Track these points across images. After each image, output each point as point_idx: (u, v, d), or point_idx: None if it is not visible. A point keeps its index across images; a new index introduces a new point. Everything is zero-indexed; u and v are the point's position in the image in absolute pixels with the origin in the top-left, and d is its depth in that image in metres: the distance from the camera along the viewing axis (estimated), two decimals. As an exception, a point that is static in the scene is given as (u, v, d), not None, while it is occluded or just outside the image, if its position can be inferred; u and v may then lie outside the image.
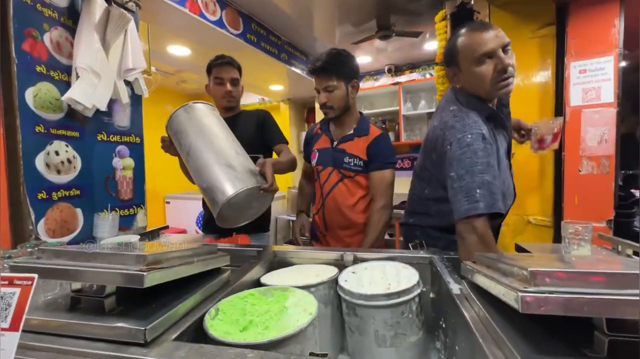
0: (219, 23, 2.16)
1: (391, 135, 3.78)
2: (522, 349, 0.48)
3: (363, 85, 4.20)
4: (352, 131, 1.36)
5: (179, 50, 2.52)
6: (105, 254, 0.65)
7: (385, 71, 3.93)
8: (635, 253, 0.99)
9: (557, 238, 1.30)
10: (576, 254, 0.92)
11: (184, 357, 0.55)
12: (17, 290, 0.52)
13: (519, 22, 1.77)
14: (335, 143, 1.38)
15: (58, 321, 0.63)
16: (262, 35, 2.61)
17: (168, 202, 4.58)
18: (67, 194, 1.22)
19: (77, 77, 1.19)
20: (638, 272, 0.48)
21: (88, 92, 1.18)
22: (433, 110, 3.32)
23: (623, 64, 1.65)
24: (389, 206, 1.30)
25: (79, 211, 1.26)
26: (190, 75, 3.93)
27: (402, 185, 3.85)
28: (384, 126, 3.84)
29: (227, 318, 0.68)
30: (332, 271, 0.90)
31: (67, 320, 0.62)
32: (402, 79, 3.84)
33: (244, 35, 2.39)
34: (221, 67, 1.51)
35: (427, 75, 3.69)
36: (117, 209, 1.42)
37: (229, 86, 1.52)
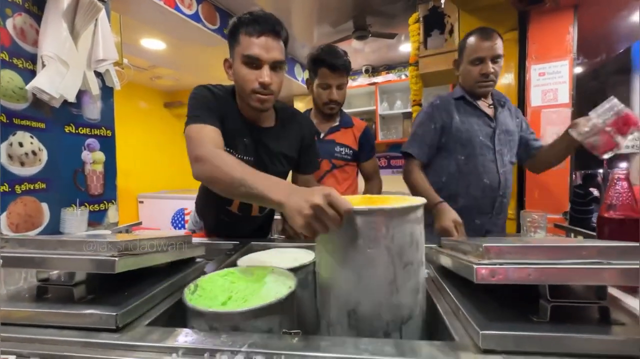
0: (195, 17, 2.13)
1: (368, 134, 3.87)
2: (477, 319, 0.53)
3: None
4: (337, 123, 1.44)
5: (153, 44, 2.46)
6: (75, 241, 0.64)
7: (363, 72, 4.01)
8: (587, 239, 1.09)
9: (520, 229, 1.39)
10: (531, 238, 1.00)
11: (157, 340, 0.55)
12: (-20, 276, 0.51)
13: (486, 26, 1.87)
14: (322, 135, 1.42)
15: (23, 311, 0.61)
16: (240, 32, 2.59)
17: (141, 202, 4.43)
18: (32, 188, 1.17)
19: (43, 65, 1.15)
20: (575, 244, 0.54)
21: (55, 82, 1.14)
22: (409, 110, 3.43)
23: (578, 69, 1.80)
24: (381, 183, 1.51)
25: (44, 205, 1.21)
26: (165, 71, 3.83)
27: (379, 183, 3.96)
28: (361, 126, 3.92)
29: (206, 294, 0.68)
30: (310, 255, 0.91)
31: (34, 309, 0.61)
32: (379, 79, 3.93)
33: (220, 30, 2.37)
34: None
35: (403, 76, 3.81)
36: (86, 204, 1.38)
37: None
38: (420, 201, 0.60)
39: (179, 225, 4.13)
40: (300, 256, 0.91)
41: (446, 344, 0.52)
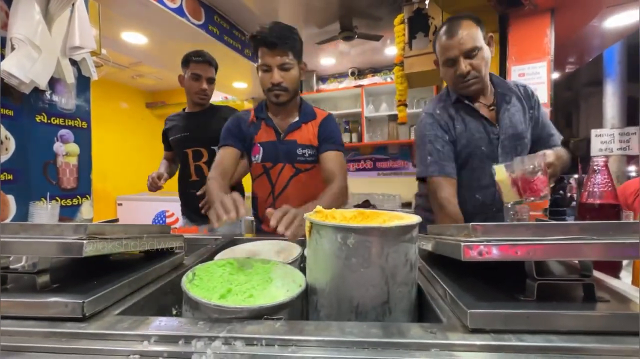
0: (179, 11, 2.08)
1: (354, 136, 3.88)
2: (465, 300, 0.52)
3: (327, 86, 4.28)
4: (297, 118, 1.21)
5: (134, 37, 2.39)
6: (40, 225, 0.59)
7: (349, 74, 4.04)
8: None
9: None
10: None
11: (127, 328, 0.51)
12: None
13: (455, 16, 1.92)
14: (282, 135, 1.20)
15: (-22, 302, 0.56)
16: (225, 29, 2.56)
17: (120, 204, 4.27)
18: (-3, 178, 1.09)
19: (13, 49, 1.08)
20: (559, 223, 0.54)
21: (25, 66, 1.08)
22: (394, 112, 3.47)
23: (555, 75, 1.86)
24: (347, 189, 1.12)
25: (10, 197, 1.13)
26: (148, 69, 3.73)
27: (366, 185, 3.98)
28: (347, 127, 3.93)
29: (204, 284, 0.64)
30: (296, 248, 0.88)
31: (-10, 299, 0.56)
32: (365, 82, 3.97)
33: (205, 26, 2.33)
34: (199, 64, 1.57)
35: (388, 79, 3.86)
36: (57, 198, 1.30)
37: (205, 84, 1.62)
38: (415, 219, 0.57)
39: (160, 227, 4.00)
40: (286, 248, 0.88)
41: (434, 326, 0.50)
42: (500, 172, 0.96)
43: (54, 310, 0.54)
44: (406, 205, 3.43)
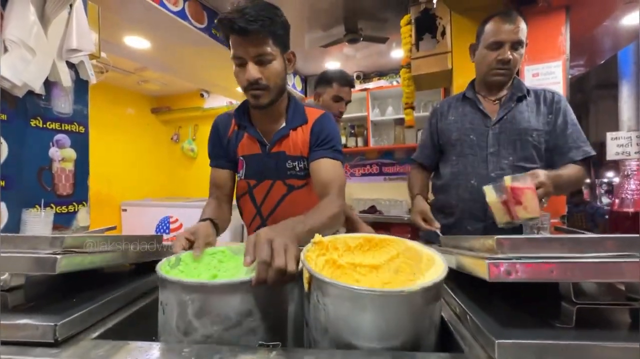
0: (181, 14, 2.06)
1: (360, 140, 3.81)
2: (490, 326, 0.45)
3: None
4: (284, 123, 0.97)
5: (137, 42, 2.37)
6: (13, 237, 0.54)
7: (354, 77, 3.99)
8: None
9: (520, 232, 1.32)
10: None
11: (103, 356, 0.45)
12: None
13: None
14: (268, 146, 0.97)
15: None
16: (229, 33, 2.54)
17: (125, 210, 4.25)
18: (-12, 185, 1.05)
19: (6, 50, 1.05)
20: (598, 236, 0.46)
21: (18, 68, 1.04)
22: (401, 116, 3.40)
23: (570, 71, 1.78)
24: (343, 207, 0.87)
25: (2, 204, 1.09)
26: (153, 74, 3.73)
27: (372, 190, 3.89)
28: (352, 132, 3.86)
29: (188, 270, 0.59)
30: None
31: (-46, 320, 0.50)
32: (370, 85, 3.91)
33: (208, 30, 2.30)
34: (343, 87, 1.61)
35: (394, 83, 3.79)
36: (52, 205, 1.26)
37: (344, 107, 1.73)
38: (441, 271, 0.46)
39: (164, 234, 3.96)
40: None
41: (454, 356, 0.43)
42: (489, 193, 0.93)
43: (24, 333, 0.48)
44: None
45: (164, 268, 0.54)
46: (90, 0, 1.47)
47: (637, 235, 0.44)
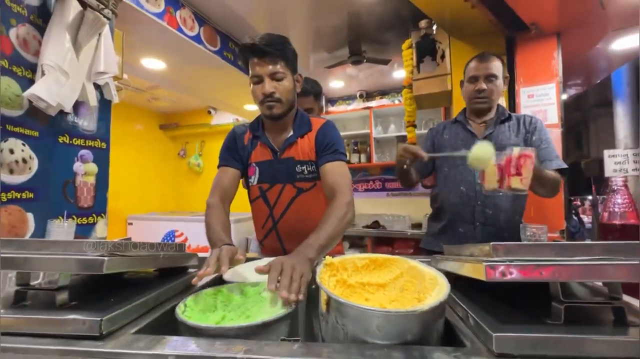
0: (197, 39, 2.19)
1: (363, 157, 3.90)
2: (489, 322, 0.50)
3: (336, 108, 4.36)
4: (292, 132, 1.10)
5: (153, 63, 2.51)
6: (61, 242, 0.60)
7: (357, 96, 4.12)
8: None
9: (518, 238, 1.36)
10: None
11: (144, 347, 0.51)
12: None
13: (474, 52, 1.96)
14: (278, 153, 1.09)
15: (-2, 318, 0.56)
16: (239, 54, 2.68)
17: (131, 224, 4.30)
18: (19, 197, 1.12)
19: (43, 74, 1.15)
20: (584, 242, 0.52)
21: (53, 90, 1.14)
22: (403, 133, 3.50)
23: (564, 96, 1.87)
24: (353, 205, 0.98)
25: (30, 215, 1.16)
26: (163, 92, 3.88)
27: (375, 205, 3.95)
28: (355, 148, 3.96)
29: (195, 315, 0.63)
30: None
31: (10, 316, 0.56)
32: (373, 104, 4.04)
33: (220, 52, 2.44)
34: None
35: (396, 101, 3.92)
36: (74, 216, 1.32)
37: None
38: (445, 290, 0.53)
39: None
40: None
41: (457, 350, 0.49)
42: (488, 152, 0.97)
43: (72, 328, 0.54)
44: (416, 226, 3.37)
45: (182, 316, 0.57)
46: (116, 27, 1.60)
47: (622, 242, 0.50)
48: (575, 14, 1.60)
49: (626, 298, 0.62)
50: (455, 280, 0.65)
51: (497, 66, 1.30)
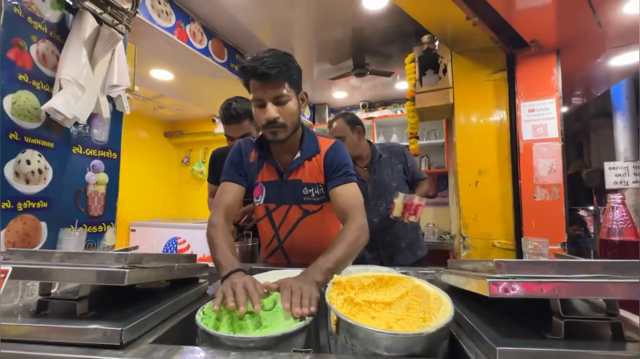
0: (205, 51, 2.25)
1: (365, 166, 3.94)
2: (492, 336, 0.53)
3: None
4: (299, 154, 1.06)
5: (162, 74, 2.57)
6: (82, 253, 0.63)
7: (360, 107, 4.18)
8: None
9: (520, 258, 1.40)
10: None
11: (163, 357, 0.53)
12: (-13, 283, 0.50)
13: (476, 67, 2.02)
14: (285, 175, 1.06)
15: (21, 327, 0.59)
16: (245, 66, 2.75)
17: (133, 230, 4.32)
18: (34, 206, 1.16)
19: (60, 88, 1.19)
20: (584, 260, 0.55)
21: (70, 103, 1.18)
22: (405, 143, 3.54)
23: (564, 109, 1.92)
24: (367, 228, 0.95)
25: (43, 224, 1.19)
26: (169, 101, 3.95)
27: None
28: (358, 158, 4.00)
29: (212, 323, 0.66)
30: None
31: (33, 325, 0.59)
32: (375, 114, 4.10)
33: (228, 64, 2.50)
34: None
35: (398, 112, 3.97)
36: (84, 225, 1.36)
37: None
38: (450, 313, 0.55)
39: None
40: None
41: (463, 363, 0.51)
42: (399, 197, 1.52)
43: (92, 336, 0.56)
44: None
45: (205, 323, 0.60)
46: (129, 41, 1.65)
47: (620, 260, 0.53)
48: (573, 32, 1.65)
49: (626, 314, 0.65)
50: (459, 293, 0.68)
51: (339, 128, 1.61)
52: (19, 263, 0.62)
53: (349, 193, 1.00)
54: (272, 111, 0.93)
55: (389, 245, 1.65)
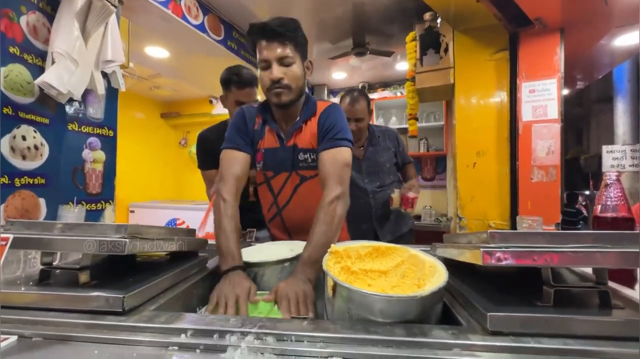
0: (201, 27, 2.19)
1: (364, 149, 3.93)
2: (483, 304, 0.54)
3: (338, 100, 4.36)
4: (298, 117, 1.05)
5: (157, 51, 2.51)
6: (82, 224, 0.64)
7: (360, 88, 4.12)
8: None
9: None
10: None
11: (164, 322, 0.55)
12: (-11, 250, 0.51)
13: (478, 46, 1.99)
14: (285, 140, 1.05)
15: (26, 294, 0.60)
16: (243, 44, 2.68)
17: (132, 211, 4.34)
18: (31, 182, 1.15)
19: (53, 62, 1.16)
20: (575, 232, 0.56)
21: (64, 78, 1.16)
22: (404, 125, 3.52)
23: (565, 91, 1.90)
24: (345, 195, 0.93)
25: (42, 200, 1.19)
26: (165, 81, 3.87)
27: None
28: (357, 140, 3.99)
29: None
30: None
31: (37, 292, 0.60)
32: (375, 95, 4.04)
33: (224, 42, 2.43)
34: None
35: (398, 94, 3.93)
36: (83, 202, 1.36)
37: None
38: (444, 277, 0.58)
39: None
40: (296, 247, 0.92)
41: (454, 328, 0.53)
42: (395, 192, 1.60)
43: (96, 304, 0.58)
44: (416, 217, 3.43)
45: None
46: (122, 15, 1.60)
47: (610, 231, 0.54)
48: (579, 10, 1.60)
49: (614, 285, 0.67)
50: (453, 266, 0.69)
51: (360, 108, 1.59)
52: (20, 233, 0.62)
53: (330, 159, 0.97)
54: (276, 71, 0.93)
55: (381, 217, 1.73)
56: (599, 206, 0.84)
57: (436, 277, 0.58)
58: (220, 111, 4.74)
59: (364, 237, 1.43)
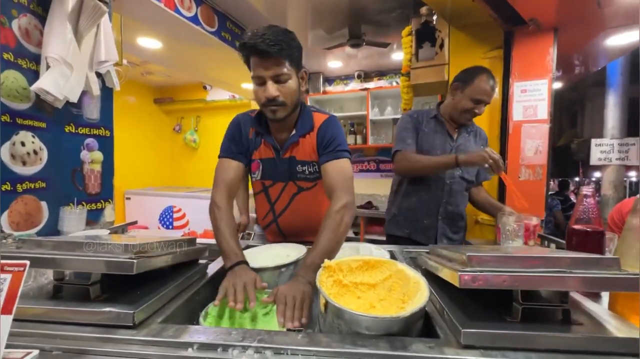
0: (194, 19, 2.15)
1: (359, 138, 3.95)
2: (459, 319, 0.61)
3: (334, 88, 4.33)
4: (294, 131, 1.07)
5: (149, 42, 2.46)
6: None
7: (355, 77, 4.10)
8: (559, 247, 1.19)
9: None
10: (509, 246, 1.10)
11: (172, 336, 0.60)
12: (8, 276, 0.55)
13: (473, 43, 1.99)
14: (281, 152, 1.08)
15: (41, 308, 0.65)
16: (237, 34, 2.63)
17: (128, 198, 4.36)
18: (33, 187, 1.18)
19: (48, 66, 1.16)
20: (545, 256, 0.62)
21: (59, 83, 1.16)
22: (399, 116, 3.53)
23: (557, 84, 1.92)
24: (352, 205, 0.96)
25: (44, 204, 1.23)
26: (157, 67, 3.80)
27: (369, 186, 4.06)
28: (352, 129, 4.00)
29: (215, 322, 0.75)
30: (302, 250, 0.97)
31: (52, 306, 0.65)
32: (371, 85, 4.03)
33: (218, 33, 2.39)
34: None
35: (394, 83, 3.91)
36: (84, 203, 1.39)
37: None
38: (425, 296, 0.62)
39: (168, 223, 4.10)
40: (292, 251, 0.97)
41: (432, 341, 0.59)
42: (503, 218, 1.22)
43: (107, 317, 0.63)
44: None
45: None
46: (114, 10, 1.57)
47: (574, 256, 0.60)
48: (573, 11, 1.61)
49: (578, 296, 0.74)
50: (437, 277, 0.76)
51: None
52: (32, 253, 0.67)
53: (336, 170, 1.00)
54: (272, 89, 0.93)
55: (449, 215, 1.52)
56: (574, 218, 0.90)
57: (418, 296, 0.64)
58: (215, 97, 4.69)
59: (424, 233, 1.50)
